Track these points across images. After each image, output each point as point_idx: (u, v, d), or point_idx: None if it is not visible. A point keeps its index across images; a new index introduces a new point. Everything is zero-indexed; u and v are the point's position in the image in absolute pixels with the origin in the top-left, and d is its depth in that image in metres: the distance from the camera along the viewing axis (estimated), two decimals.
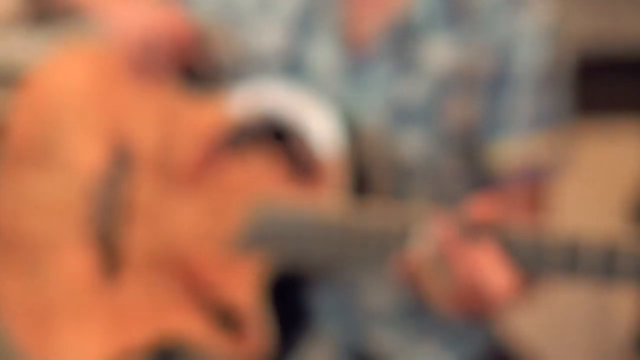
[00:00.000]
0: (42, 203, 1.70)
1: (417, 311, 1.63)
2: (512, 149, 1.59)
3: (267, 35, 1.60)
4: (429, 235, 1.37)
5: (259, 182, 1.52)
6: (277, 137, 1.52)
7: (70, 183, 1.67)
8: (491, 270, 1.36)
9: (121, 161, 1.62)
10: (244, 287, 1.51)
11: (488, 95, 1.59)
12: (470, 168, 1.64)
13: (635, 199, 2.56)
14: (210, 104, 1.58)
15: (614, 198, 2.59)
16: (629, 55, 2.66)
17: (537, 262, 1.36)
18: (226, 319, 1.53)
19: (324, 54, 1.58)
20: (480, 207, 1.39)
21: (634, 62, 2.66)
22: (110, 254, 1.63)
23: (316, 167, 1.48)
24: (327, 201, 1.46)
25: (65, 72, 1.69)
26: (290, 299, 1.59)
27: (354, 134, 1.52)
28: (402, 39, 1.57)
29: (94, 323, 1.64)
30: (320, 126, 1.49)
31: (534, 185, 1.61)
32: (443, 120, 1.57)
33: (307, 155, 1.49)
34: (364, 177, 1.51)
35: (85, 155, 1.65)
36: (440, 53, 1.57)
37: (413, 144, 1.57)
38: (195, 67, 1.67)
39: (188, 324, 1.56)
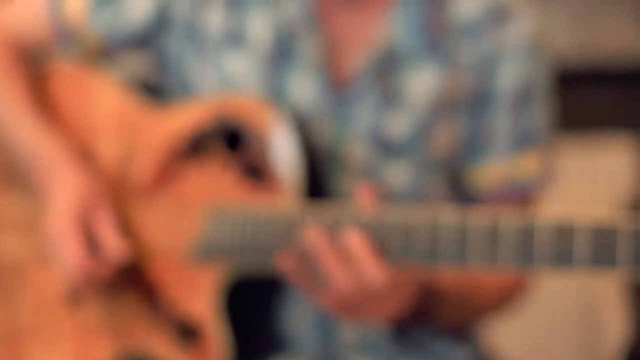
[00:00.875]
0: (12, 223, 1.72)
1: (395, 336, 1.63)
2: (495, 171, 1.61)
3: (240, 66, 1.60)
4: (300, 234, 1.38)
5: (215, 190, 1.53)
6: (234, 143, 1.53)
7: (37, 202, 1.68)
8: (363, 262, 1.35)
9: None
10: (202, 300, 1.52)
11: (470, 115, 1.59)
12: (455, 191, 1.65)
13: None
14: (170, 113, 1.60)
15: (599, 211, 2.60)
16: (609, 67, 2.68)
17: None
18: (187, 334, 1.54)
19: (304, 89, 1.58)
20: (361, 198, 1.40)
21: (615, 75, 2.68)
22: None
23: (271, 173, 1.49)
24: (281, 205, 1.47)
25: None
26: (260, 318, 1.60)
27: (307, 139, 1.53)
28: (385, 71, 1.57)
29: (61, 344, 1.65)
30: (277, 134, 1.50)
31: (519, 201, 1.61)
32: (429, 149, 1.58)
33: (263, 161, 1.50)
34: (318, 183, 1.52)
35: None
36: (423, 82, 1.57)
37: (398, 175, 1.58)
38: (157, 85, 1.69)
39: (151, 341, 1.57)
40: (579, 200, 2.60)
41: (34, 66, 1.71)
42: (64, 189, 1.57)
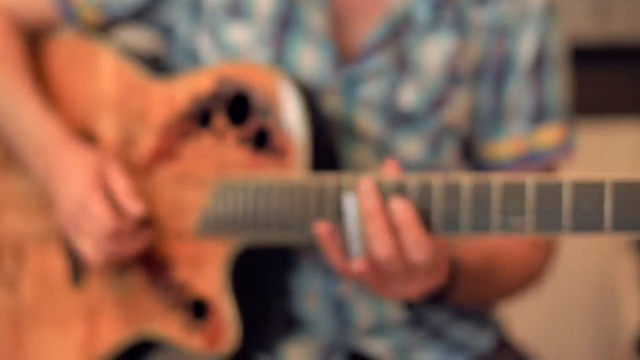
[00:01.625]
0: (11, 203, 1.69)
1: (412, 320, 1.58)
2: (515, 142, 1.56)
3: (243, 38, 1.55)
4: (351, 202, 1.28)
5: (221, 160, 1.47)
6: (239, 110, 1.47)
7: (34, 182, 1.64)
8: (409, 231, 1.26)
9: None
10: (211, 277, 1.46)
11: (491, 85, 1.55)
12: (469, 162, 1.61)
13: None
14: (173, 82, 1.55)
15: None
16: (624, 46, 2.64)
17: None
18: (197, 313, 1.48)
19: (311, 61, 1.53)
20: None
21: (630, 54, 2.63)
22: (78, 258, 1.60)
23: (279, 141, 1.43)
24: (291, 175, 1.41)
25: None
26: (274, 300, 1.55)
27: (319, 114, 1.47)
28: (396, 40, 1.52)
29: (67, 325, 1.61)
30: (286, 98, 1.43)
31: (537, 169, 1.56)
32: (443, 119, 1.53)
33: (271, 127, 1.43)
34: (328, 154, 1.46)
35: None
36: (435, 50, 1.52)
37: (412, 146, 1.53)
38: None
39: (159, 321, 1.52)
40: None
41: (35, 41, 1.67)
42: (77, 161, 1.52)
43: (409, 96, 1.52)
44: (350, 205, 1.27)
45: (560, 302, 2.63)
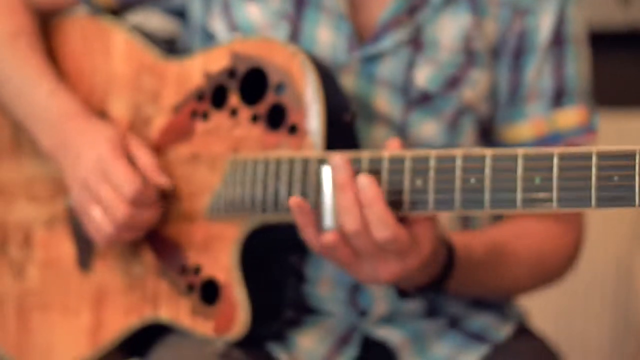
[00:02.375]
0: (20, 190, 1.65)
1: (428, 310, 1.54)
2: (535, 124, 1.52)
3: (257, 17, 1.52)
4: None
5: (235, 139, 1.43)
6: (254, 86, 1.42)
7: (51, 166, 1.60)
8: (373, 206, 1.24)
9: None
10: (223, 259, 1.42)
11: (510, 64, 1.51)
12: (486, 143, 1.57)
13: None
14: (186, 61, 1.50)
15: None
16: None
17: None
18: (208, 297, 1.43)
19: (327, 39, 1.49)
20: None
21: None
22: (86, 243, 1.56)
23: (295, 118, 1.38)
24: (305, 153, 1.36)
25: None
26: (288, 286, 1.51)
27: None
28: (412, 19, 1.48)
29: (75, 310, 1.57)
30: (306, 79, 1.38)
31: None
32: (460, 98, 1.49)
33: (290, 108, 1.38)
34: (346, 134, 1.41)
35: None
36: (452, 28, 1.48)
37: (429, 127, 1.49)
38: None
39: (169, 306, 1.47)
40: None
41: (47, 20, 1.64)
42: (98, 132, 1.47)
43: (425, 74, 1.48)
44: (326, 177, 1.27)
45: (578, 292, 2.59)
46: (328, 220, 1.27)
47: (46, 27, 1.64)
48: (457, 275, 1.37)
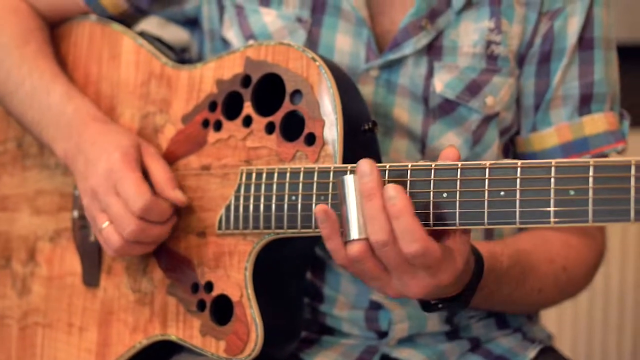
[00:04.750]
0: (31, 205, 1.59)
1: (451, 333, 1.49)
2: (561, 131, 1.45)
3: (274, 23, 1.46)
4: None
5: (248, 150, 1.35)
6: (269, 94, 1.35)
7: (56, 180, 1.55)
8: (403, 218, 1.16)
9: None
10: (234, 277, 1.34)
11: (536, 69, 1.45)
12: (510, 154, 1.51)
13: None
14: (199, 69, 1.43)
15: None
16: None
17: None
18: (220, 315, 1.36)
19: (346, 47, 1.43)
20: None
21: None
22: (92, 259, 1.49)
23: (315, 132, 1.30)
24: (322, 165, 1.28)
25: None
26: (306, 304, 1.45)
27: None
28: (432, 23, 1.42)
29: (82, 327, 1.50)
30: (320, 82, 1.31)
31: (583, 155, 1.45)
32: (483, 107, 1.43)
33: (307, 117, 1.31)
34: (363, 145, 1.33)
35: None
36: (473, 31, 1.42)
37: (451, 141, 1.43)
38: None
39: (179, 329, 1.39)
40: None
41: (57, 24, 1.58)
42: (113, 137, 1.40)
43: (444, 80, 1.42)
44: (350, 184, 1.18)
45: (597, 304, 2.55)
46: (354, 230, 1.18)
47: (54, 32, 1.58)
48: (485, 286, 1.29)
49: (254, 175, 1.32)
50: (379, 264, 1.19)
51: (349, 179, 1.18)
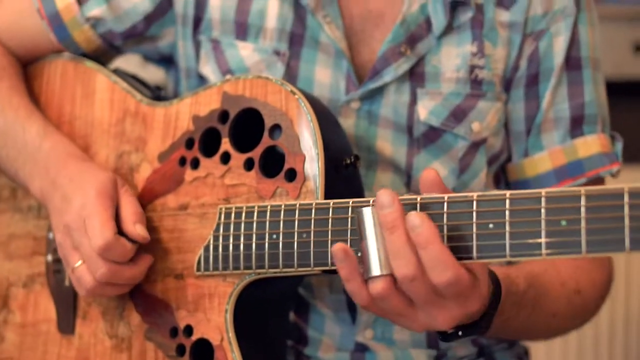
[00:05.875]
0: (4, 249, 1.54)
1: None
2: (552, 156, 1.41)
3: (251, 56, 1.43)
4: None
5: (226, 189, 1.30)
6: (247, 130, 1.31)
7: (29, 224, 1.50)
8: (429, 247, 1.09)
9: None
10: (214, 320, 1.29)
11: (524, 93, 1.41)
12: (504, 188, 1.47)
13: None
14: (175, 105, 1.39)
15: None
16: None
17: None
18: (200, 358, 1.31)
19: (325, 78, 1.40)
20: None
21: None
22: (67, 304, 1.44)
23: (295, 168, 1.26)
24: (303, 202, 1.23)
25: None
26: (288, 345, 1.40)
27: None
28: (412, 49, 1.39)
29: None
30: (299, 116, 1.26)
31: (578, 179, 1.41)
32: (468, 137, 1.39)
33: (287, 152, 1.27)
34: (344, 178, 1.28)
35: None
36: (455, 55, 1.39)
37: (433, 166, 1.39)
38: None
39: None
40: None
41: (30, 62, 1.54)
42: (89, 175, 1.35)
43: (428, 107, 1.38)
44: (368, 218, 1.12)
45: (602, 329, 2.52)
46: (376, 266, 1.11)
47: (26, 71, 1.54)
48: (503, 311, 1.23)
49: (233, 213, 1.27)
50: (405, 299, 1.12)
51: (367, 212, 1.12)
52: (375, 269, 1.11)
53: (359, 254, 1.13)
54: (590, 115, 1.41)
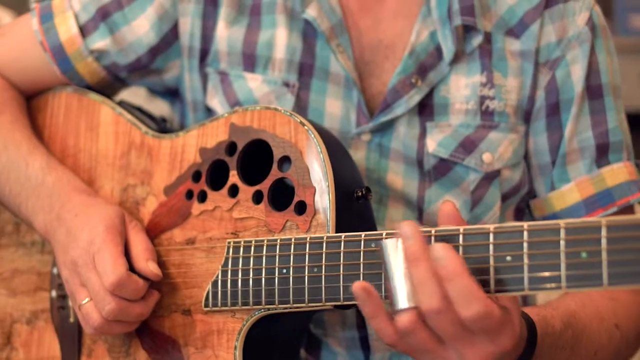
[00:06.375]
0: (7, 284, 1.50)
1: None
2: (579, 187, 1.38)
3: (259, 87, 1.40)
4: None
5: (234, 223, 1.27)
6: (256, 162, 1.29)
7: (33, 259, 1.47)
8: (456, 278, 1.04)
9: None
10: (223, 357, 1.25)
11: (545, 126, 1.38)
12: (525, 216, 1.43)
13: None
14: (181, 138, 1.36)
15: None
16: None
17: None
18: None
19: (335, 110, 1.37)
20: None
21: None
22: (72, 341, 1.40)
23: (305, 201, 1.23)
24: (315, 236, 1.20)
25: None
26: None
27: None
28: (422, 79, 1.37)
29: None
30: (309, 147, 1.24)
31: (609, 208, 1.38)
32: (480, 169, 1.36)
33: (296, 185, 1.24)
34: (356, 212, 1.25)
35: None
36: (465, 85, 1.37)
37: (445, 200, 1.36)
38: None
39: None
40: None
41: (33, 96, 1.52)
42: (96, 210, 1.32)
43: (437, 139, 1.35)
44: (392, 249, 1.08)
45: None
46: (402, 299, 1.07)
47: (30, 105, 1.51)
48: (540, 354, 1.18)
49: (241, 248, 1.24)
50: (432, 334, 1.07)
51: (389, 244, 1.08)
52: (402, 302, 1.07)
53: (383, 289, 1.10)
54: (615, 142, 1.38)
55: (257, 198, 1.26)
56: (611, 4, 3.05)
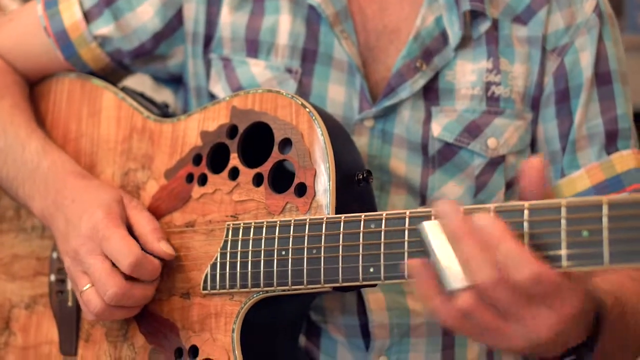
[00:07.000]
0: (5, 270, 1.50)
1: None
2: (588, 174, 1.37)
3: (263, 73, 1.40)
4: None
5: (234, 205, 1.26)
6: (257, 144, 1.27)
7: (33, 244, 1.46)
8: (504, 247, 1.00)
9: None
10: (221, 340, 1.24)
11: (555, 113, 1.38)
12: None
13: None
14: (183, 122, 1.35)
15: None
16: None
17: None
18: None
19: (338, 96, 1.36)
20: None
21: None
22: (70, 325, 1.40)
23: (306, 183, 1.21)
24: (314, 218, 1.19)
25: None
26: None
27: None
28: (427, 64, 1.36)
29: None
30: (316, 133, 1.22)
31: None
32: (484, 154, 1.35)
33: (297, 167, 1.23)
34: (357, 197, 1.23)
35: None
36: (470, 70, 1.36)
37: (452, 191, 1.36)
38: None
39: None
40: None
41: (36, 81, 1.51)
42: (96, 193, 1.31)
43: (443, 124, 1.34)
44: (432, 232, 1.04)
45: None
46: (454, 280, 1.02)
47: (33, 91, 1.51)
48: (608, 332, 1.13)
49: (241, 230, 1.23)
50: (494, 311, 1.02)
51: (429, 225, 1.04)
52: (455, 282, 1.03)
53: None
54: (624, 129, 1.37)
55: (258, 180, 1.25)
56: (621, 2, 3.04)
